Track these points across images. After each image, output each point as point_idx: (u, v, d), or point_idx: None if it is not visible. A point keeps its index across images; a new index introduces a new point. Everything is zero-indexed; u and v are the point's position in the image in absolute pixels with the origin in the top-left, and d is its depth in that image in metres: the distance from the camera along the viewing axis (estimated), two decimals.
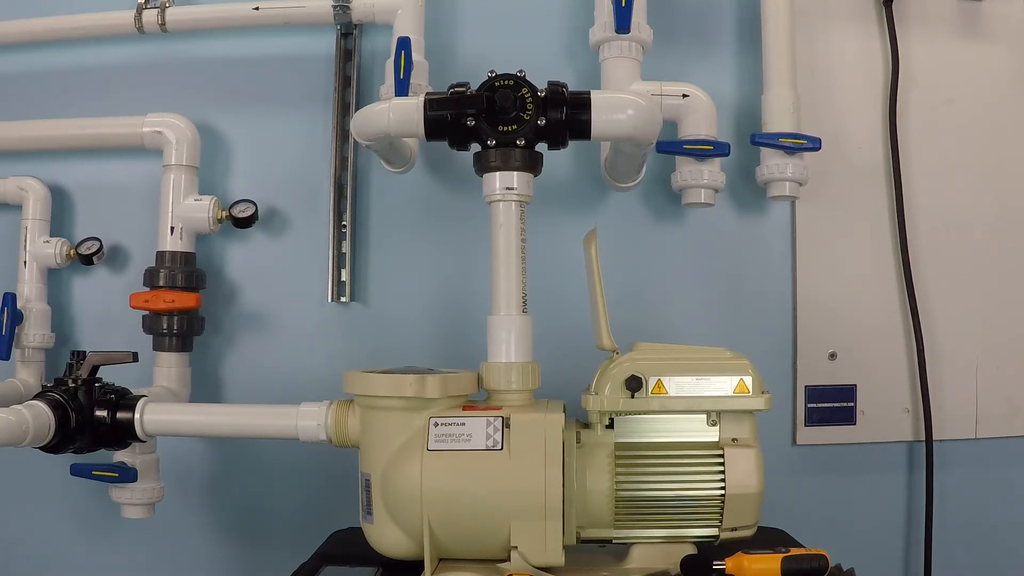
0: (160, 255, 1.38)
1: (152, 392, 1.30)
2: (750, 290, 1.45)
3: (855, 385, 1.44)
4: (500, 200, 1.12)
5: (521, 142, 1.11)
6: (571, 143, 1.13)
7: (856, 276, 1.46)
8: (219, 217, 1.38)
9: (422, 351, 1.42)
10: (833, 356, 1.44)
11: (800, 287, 1.44)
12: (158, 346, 1.38)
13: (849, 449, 1.44)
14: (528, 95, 1.10)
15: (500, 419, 1.04)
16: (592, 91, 1.12)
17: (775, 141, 1.36)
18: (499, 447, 1.03)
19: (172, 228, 1.38)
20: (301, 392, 1.18)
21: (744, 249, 1.45)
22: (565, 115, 1.11)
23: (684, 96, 1.36)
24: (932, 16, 1.50)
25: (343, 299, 1.42)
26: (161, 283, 1.36)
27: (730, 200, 1.45)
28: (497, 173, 1.12)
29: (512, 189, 1.12)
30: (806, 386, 1.44)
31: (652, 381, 1.05)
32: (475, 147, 1.13)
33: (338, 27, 1.44)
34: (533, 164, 1.13)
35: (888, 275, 1.46)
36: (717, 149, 1.34)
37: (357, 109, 1.42)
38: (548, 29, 1.47)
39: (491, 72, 1.12)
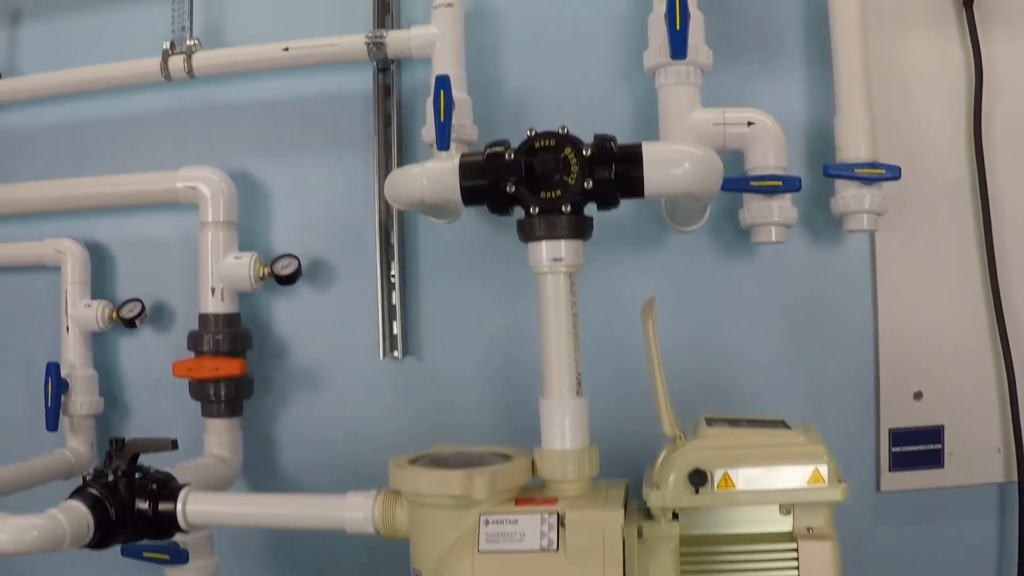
0: (203, 318, 1.30)
1: (200, 464, 1.25)
2: (828, 328, 1.31)
3: (942, 426, 1.31)
4: (548, 272, 1.02)
5: (567, 207, 1.00)
6: None
7: (942, 307, 1.31)
8: (261, 275, 1.30)
9: (479, 407, 1.33)
10: (919, 396, 1.31)
11: (882, 322, 1.30)
12: (207, 412, 1.31)
13: (937, 494, 1.30)
14: (572, 155, 0.99)
15: (555, 515, 0.95)
16: (644, 143, 1.00)
17: (850, 172, 1.22)
18: (554, 547, 0.94)
19: (213, 289, 1.30)
20: (356, 452, 1.10)
21: (820, 283, 1.31)
22: (614, 173, 0.99)
23: (749, 124, 1.21)
24: (1018, 15, 1.33)
25: (395, 353, 1.33)
26: (205, 349, 1.29)
27: (804, 230, 1.30)
28: (543, 242, 1.01)
29: (560, 260, 1.01)
30: (890, 429, 1.30)
31: (718, 474, 0.94)
32: (519, 209, 1.03)
33: (374, 63, 1.33)
34: (582, 230, 1.02)
35: (976, 303, 1.31)
36: (787, 184, 1.20)
37: (399, 149, 1.34)
38: (600, 50, 1.33)
39: (530, 131, 1.01)
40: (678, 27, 1.17)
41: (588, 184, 0.99)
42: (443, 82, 1.20)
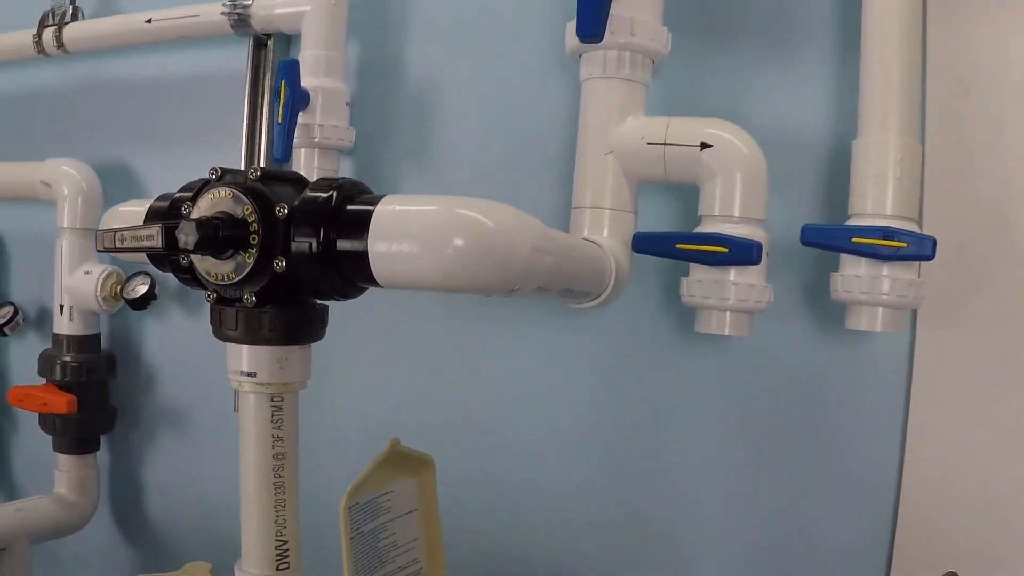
0: (55, 339, 1.01)
1: (19, 507, 0.97)
2: (821, 466, 0.79)
3: None
4: (242, 391, 0.61)
5: (250, 298, 0.58)
6: None
7: (1010, 447, 0.74)
8: (112, 293, 0.98)
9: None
10: None
11: (909, 465, 0.76)
12: (56, 446, 1.03)
13: None
14: (253, 218, 0.57)
15: None
16: (386, 199, 0.56)
17: (843, 242, 0.69)
18: None
19: (61, 307, 1.00)
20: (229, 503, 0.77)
21: (820, 396, 0.79)
22: (321, 248, 0.56)
23: (704, 147, 0.72)
24: None
25: None
26: (51, 375, 1.00)
27: (806, 313, 0.79)
28: (239, 347, 0.61)
29: (252, 376, 0.60)
30: None
31: None
32: None
33: (250, 38, 0.95)
34: (291, 331, 0.60)
35: None
36: (737, 252, 0.70)
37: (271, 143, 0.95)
38: (535, 28, 0.86)
39: (212, 172, 0.60)
40: None
41: (280, 265, 0.56)
42: (287, 69, 0.83)
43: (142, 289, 0.97)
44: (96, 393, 1.02)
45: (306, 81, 0.86)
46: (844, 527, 0.78)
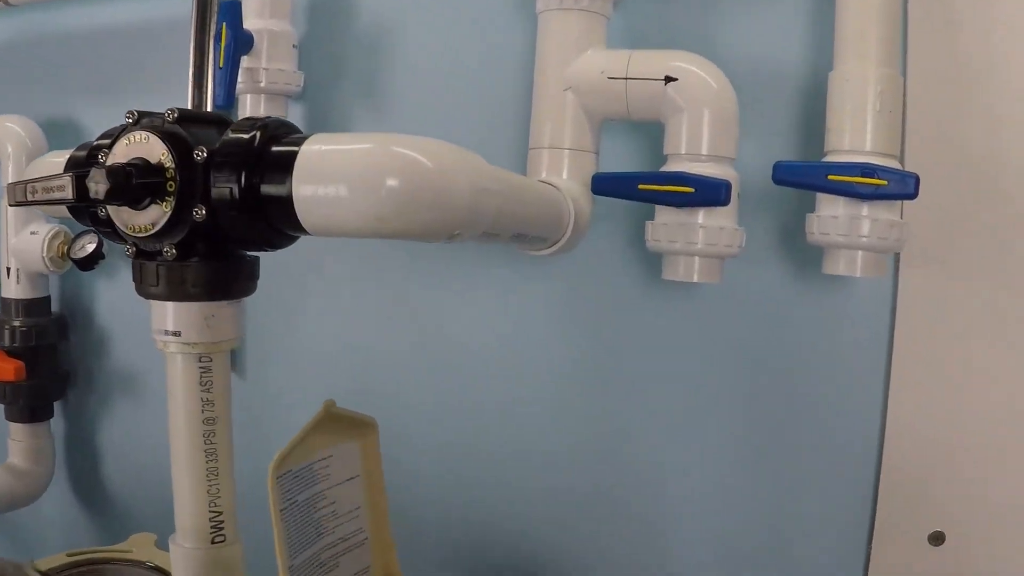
0: (3, 303, 0.96)
1: None
2: (800, 418, 0.74)
3: None
4: (168, 352, 0.56)
5: (170, 251, 0.53)
6: None
7: (998, 397, 0.70)
8: (59, 254, 0.93)
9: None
10: (938, 539, 0.72)
11: (892, 417, 0.72)
12: (7, 414, 0.98)
13: None
14: (170, 163, 0.51)
15: None
16: (313, 138, 0.50)
17: (820, 179, 0.63)
18: None
19: (8, 269, 0.95)
20: None
21: (798, 344, 0.74)
22: (244, 194, 0.50)
23: (668, 80, 0.67)
24: None
25: None
26: (3, 341, 0.95)
27: (784, 256, 0.73)
28: (163, 304, 0.55)
29: (177, 336, 0.55)
30: None
31: None
32: None
33: None
34: (218, 285, 0.55)
35: None
36: (704, 193, 0.65)
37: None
38: None
39: (129, 115, 0.54)
40: None
41: (200, 213, 0.51)
42: (228, 10, 0.77)
43: (90, 248, 0.91)
44: (47, 358, 0.97)
45: (250, 23, 0.80)
46: (825, 485, 0.74)
